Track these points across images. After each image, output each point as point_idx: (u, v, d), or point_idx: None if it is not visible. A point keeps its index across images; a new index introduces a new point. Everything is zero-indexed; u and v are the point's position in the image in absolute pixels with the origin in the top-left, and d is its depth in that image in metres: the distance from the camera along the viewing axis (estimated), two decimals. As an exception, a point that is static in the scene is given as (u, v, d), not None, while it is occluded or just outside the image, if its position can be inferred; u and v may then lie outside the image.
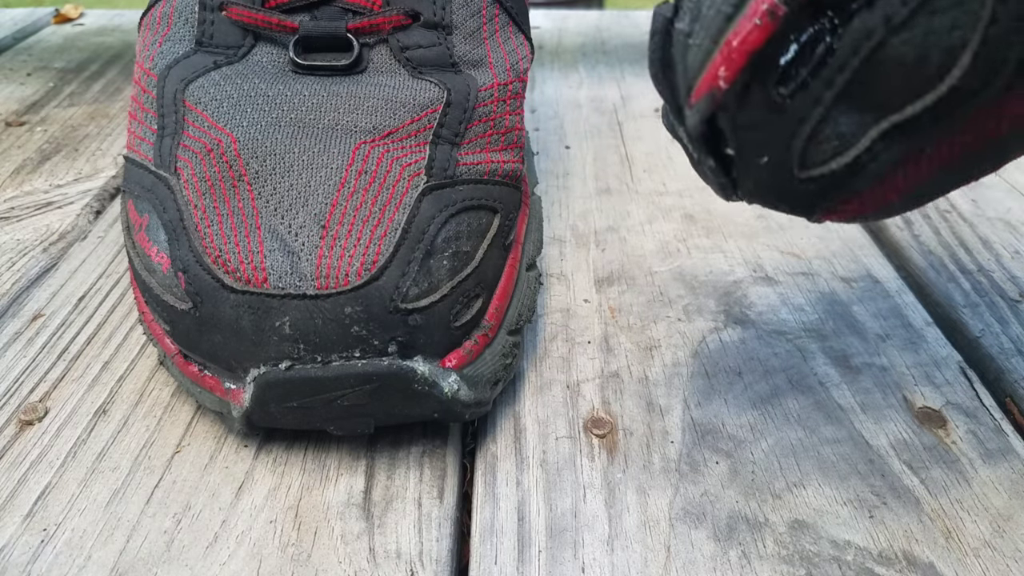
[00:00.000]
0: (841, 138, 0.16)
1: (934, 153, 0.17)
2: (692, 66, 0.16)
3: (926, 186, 0.18)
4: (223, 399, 0.24)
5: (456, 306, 0.24)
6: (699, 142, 0.17)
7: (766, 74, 0.16)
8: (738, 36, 0.15)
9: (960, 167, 0.18)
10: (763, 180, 0.17)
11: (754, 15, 0.15)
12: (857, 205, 0.18)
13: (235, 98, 0.26)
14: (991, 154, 0.18)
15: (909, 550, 0.22)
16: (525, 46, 0.31)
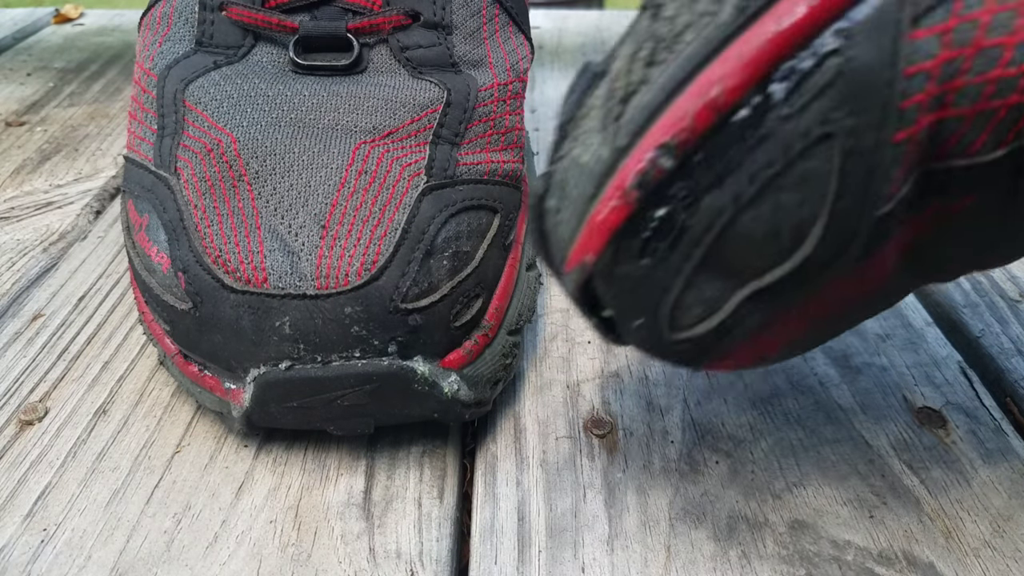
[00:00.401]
0: (705, 304, 0.17)
1: (803, 311, 0.18)
2: (563, 239, 0.17)
3: (799, 341, 0.19)
4: (223, 399, 0.24)
5: (456, 306, 0.24)
6: (580, 305, 0.18)
7: (629, 247, 0.16)
8: (599, 215, 0.16)
9: (832, 322, 0.19)
10: (641, 340, 0.18)
11: (611, 197, 0.16)
12: (733, 361, 0.19)
13: (235, 98, 0.26)
14: (863, 309, 0.19)
15: (909, 550, 0.22)
16: (525, 46, 0.31)
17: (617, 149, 0.16)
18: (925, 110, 0.16)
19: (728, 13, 0.15)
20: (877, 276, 0.18)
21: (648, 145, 0.15)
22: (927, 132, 0.16)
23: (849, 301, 0.18)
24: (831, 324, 0.19)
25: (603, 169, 0.16)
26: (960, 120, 0.16)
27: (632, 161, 0.16)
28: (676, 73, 0.15)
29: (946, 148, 0.16)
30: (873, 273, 0.18)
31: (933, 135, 0.16)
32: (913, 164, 0.16)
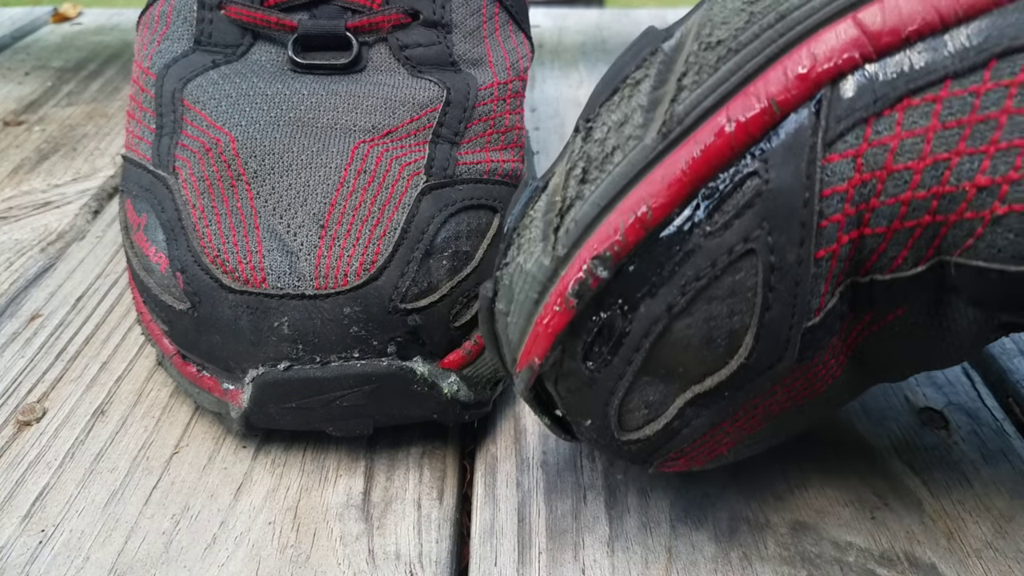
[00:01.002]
0: (650, 407, 0.18)
1: (751, 413, 0.18)
2: (512, 341, 0.18)
3: (755, 438, 0.20)
4: (221, 400, 0.24)
5: (456, 306, 0.23)
6: (532, 404, 0.19)
7: (573, 350, 0.18)
8: (544, 319, 0.17)
9: (788, 419, 0.20)
10: (593, 440, 0.19)
11: (554, 303, 0.17)
12: (687, 460, 0.19)
13: (234, 97, 0.26)
14: (818, 406, 0.20)
15: (911, 551, 0.21)
16: (525, 45, 0.31)
17: (557, 258, 0.17)
18: (843, 229, 0.17)
19: (652, 138, 0.17)
20: (823, 377, 0.19)
21: (585, 256, 0.17)
22: (848, 249, 0.17)
23: (798, 401, 0.19)
24: (787, 421, 0.20)
25: (545, 277, 0.17)
26: (879, 238, 0.17)
27: (571, 270, 0.17)
28: (607, 190, 0.17)
29: (869, 264, 0.17)
30: (818, 375, 0.18)
31: (855, 252, 0.17)
32: (839, 278, 0.17)
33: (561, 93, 0.52)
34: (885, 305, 0.18)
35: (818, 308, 0.17)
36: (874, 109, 0.16)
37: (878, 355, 0.19)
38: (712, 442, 0.19)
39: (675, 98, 0.17)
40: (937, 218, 0.16)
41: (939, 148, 0.16)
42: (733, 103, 0.16)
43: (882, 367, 0.20)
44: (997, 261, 0.16)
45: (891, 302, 0.18)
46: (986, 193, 0.16)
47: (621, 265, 0.17)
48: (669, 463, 0.19)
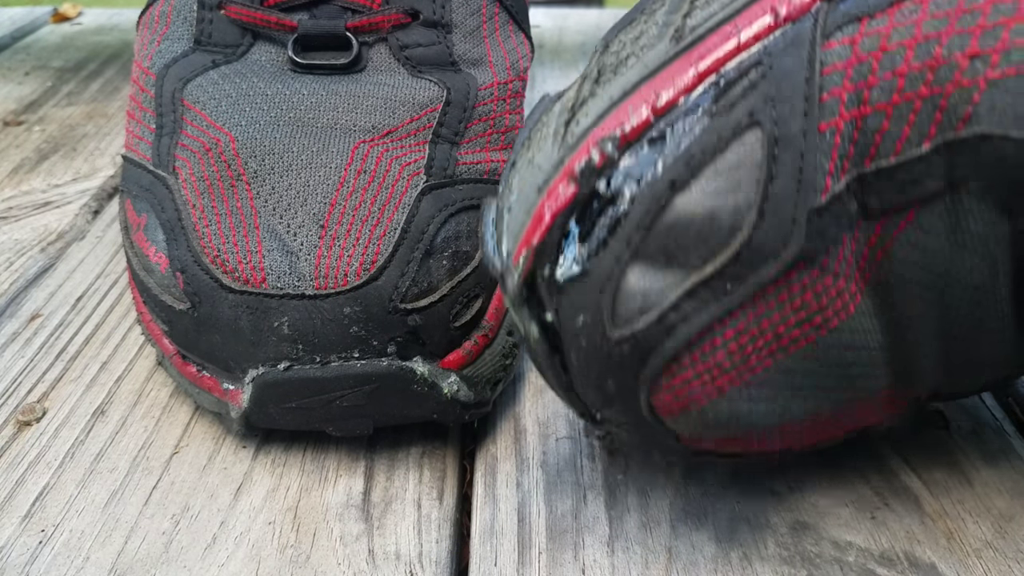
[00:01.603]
0: (646, 296, 0.17)
1: (758, 330, 0.18)
2: (512, 231, 0.18)
3: (761, 386, 0.19)
4: (221, 400, 0.24)
5: (456, 306, 0.23)
6: (520, 308, 0.19)
7: (573, 233, 0.18)
8: (545, 203, 0.18)
9: (799, 366, 0.19)
10: (583, 348, 0.18)
11: (558, 183, 0.18)
12: (682, 388, 0.18)
13: (233, 97, 0.26)
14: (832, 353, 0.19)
15: (911, 551, 0.21)
16: (525, 45, 0.31)
17: (567, 146, 0.18)
18: (844, 104, 0.17)
19: (665, 43, 0.18)
20: (836, 305, 0.18)
21: (594, 140, 0.17)
22: (851, 128, 0.17)
23: (809, 334, 0.18)
24: (799, 368, 0.19)
25: (551, 165, 0.18)
26: (880, 115, 0.17)
27: (579, 153, 0.17)
28: (619, 86, 0.18)
29: (874, 149, 0.17)
30: (830, 295, 0.18)
31: (858, 134, 0.17)
32: (844, 163, 0.17)
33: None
34: (895, 204, 0.18)
35: (824, 189, 0.17)
36: (868, 11, 0.18)
37: (895, 286, 0.18)
38: (712, 362, 0.18)
39: (688, 14, 0.18)
40: (934, 90, 0.17)
41: (928, 30, 0.17)
42: (741, 17, 0.18)
43: (901, 306, 0.19)
44: (999, 127, 0.17)
45: (901, 198, 0.18)
46: (978, 61, 0.17)
47: (628, 144, 0.17)
48: (663, 385, 0.18)
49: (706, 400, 0.19)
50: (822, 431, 0.21)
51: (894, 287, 0.19)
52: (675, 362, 0.18)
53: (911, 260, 0.18)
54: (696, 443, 0.20)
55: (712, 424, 0.19)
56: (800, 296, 0.18)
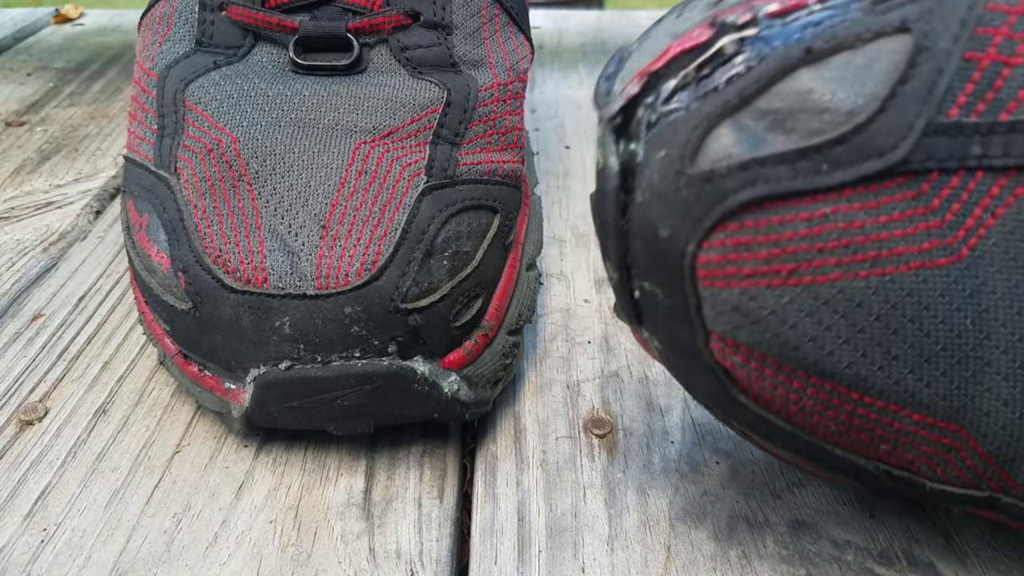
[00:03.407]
0: (737, 143, 0.17)
1: (836, 227, 0.17)
2: (631, 67, 0.18)
3: (819, 299, 0.17)
4: (223, 399, 0.24)
5: (456, 306, 0.24)
6: (608, 137, 0.18)
7: (691, 71, 0.17)
8: (675, 44, 0.17)
9: (861, 297, 0.17)
10: (654, 183, 0.18)
11: (695, 30, 0.17)
12: (737, 249, 0.17)
13: (235, 98, 0.26)
14: (904, 302, 0.17)
15: (909, 550, 0.22)
16: (525, 46, 0.31)
17: (719, 6, 0.18)
18: (996, 46, 0.17)
19: None
20: (923, 245, 0.17)
21: (747, 5, 0.17)
22: (995, 71, 0.17)
23: (887, 261, 0.17)
24: (860, 306, 0.17)
25: (698, 18, 0.18)
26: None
27: (729, 11, 0.17)
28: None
29: (1015, 103, 0.17)
30: (918, 229, 0.17)
31: (1001, 81, 0.17)
32: (977, 103, 0.17)
33: (561, 94, 0.52)
34: (1019, 163, 0.17)
35: (950, 112, 0.17)
36: None
37: (995, 265, 0.17)
38: (776, 236, 0.17)
39: None
40: None
41: None
42: None
43: (992, 294, 0.17)
44: None
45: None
46: None
47: (778, 16, 0.17)
48: (716, 242, 0.17)
49: (753, 282, 0.17)
50: (850, 431, 0.18)
51: (992, 266, 0.17)
52: (738, 217, 0.17)
53: (1017, 236, 0.17)
54: (728, 353, 0.18)
55: (751, 322, 0.17)
56: (889, 211, 0.17)
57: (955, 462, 0.18)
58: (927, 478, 0.19)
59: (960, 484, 0.19)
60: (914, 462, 0.18)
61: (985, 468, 0.18)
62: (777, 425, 0.19)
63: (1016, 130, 0.17)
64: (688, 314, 0.18)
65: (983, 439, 0.18)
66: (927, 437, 0.18)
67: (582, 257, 0.35)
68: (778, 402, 0.18)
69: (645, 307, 0.19)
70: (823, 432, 0.18)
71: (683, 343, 0.18)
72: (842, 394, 0.18)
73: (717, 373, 0.18)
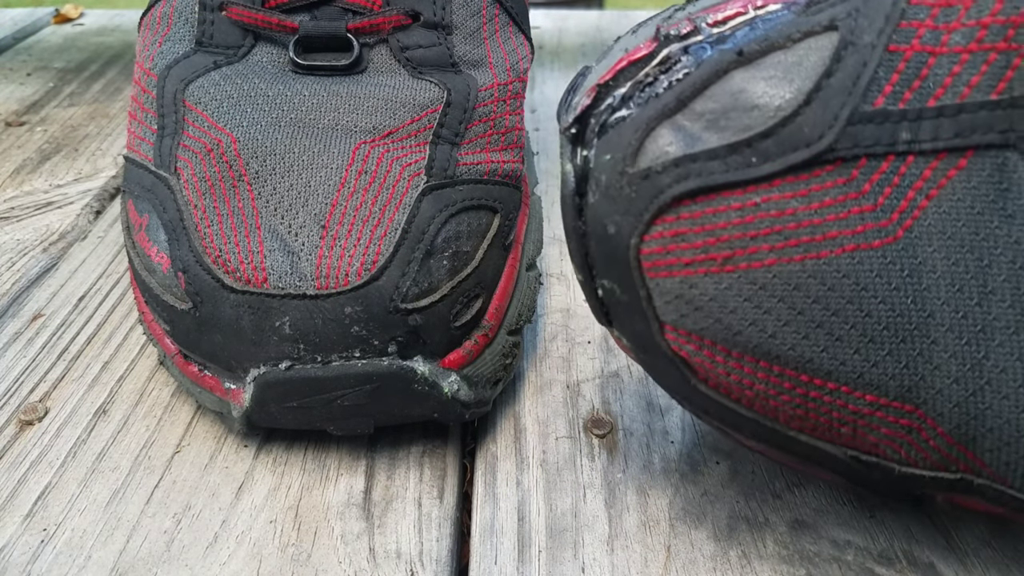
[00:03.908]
0: (673, 142, 0.18)
1: (767, 214, 0.18)
2: (587, 81, 0.19)
3: (755, 287, 0.18)
4: (223, 399, 0.24)
5: (456, 306, 0.24)
6: (565, 146, 0.19)
7: (637, 79, 0.18)
8: (625, 56, 0.19)
9: (797, 282, 0.18)
10: (601, 184, 0.19)
11: (643, 44, 0.19)
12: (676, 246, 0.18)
13: (235, 98, 0.26)
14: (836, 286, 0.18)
15: (909, 550, 0.22)
16: (525, 46, 0.31)
17: (665, 22, 0.19)
18: (920, 38, 0.17)
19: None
20: (857, 228, 0.17)
21: (690, 16, 0.19)
22: (919, 61, 0.17)
23: (820, 246, 0.18)
24: (797, 285, 0.18)
25: (648, 34, 0.19)
26: (954, 58, 0.17)
27: (673, 24, 0.19)
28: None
29: (942, 89, 0.17)
30: (851, 213, 0.17)
31: (927, 71, 0.17)
32: (903, 92, 0.17)
33: (561, 94, 0.52)
34: (949, 146, 0.17)
35: (876, 101, 0.17)
36: None
37: (932, 244, 0.18)
38: (711, 226, 0.18)
39: None
40: (1012, 46, 0.17)
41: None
42: None
43: (932, 273, 0.18)
44: None
45: (958, 141, 0.17)
46: None
47: (718, 24, 0.18)
48: (656, 234, 0.18)
49: (693, 270, 0.18)
50: (808, 415, 0.19)
51: (930, 246, 0.18)
52: (674, 209, 0.18)
53: (952, 216, 0.18)
54: (681, 343, 0.19)
55: (696, 307, 0.18)
56: (820, 197, 0.17)
57: (918, 443, 0.18)
58: (895, 461, 0.19)
59: (929, 467, 0.19)
60: (878, 445, 0.19)
61: (949, 448, 0.18)
62: (740, 413, 0.19)
63: (944, 114, 0.17)
64: (641, 307, 0.19)
65: (940, 418, 0.18)
66: (884, 418, 0.18)
67: (582, 257, 0.35)
68: (735, 388, 0.19)
69: (609, 305, 0.20)
70: (784, 418, 0.19)
71: (643, 337, 0.19)
72: (791, 376, 0.18)
73: (676, 363, 0.19)
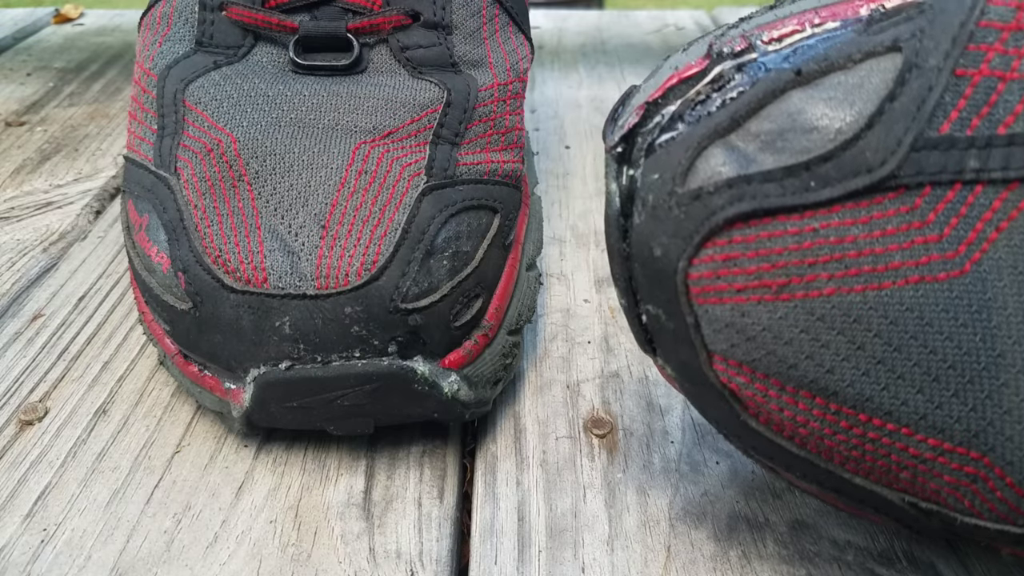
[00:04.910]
0: (725, 163, 0.17)
1: (827, 240, 0.17)
2: (635, 100, 0.19)
3: (816, 313, 0.17)
4: (223, 399, 0.24)
5: (456, 306, 0.24)
6: (610, 165, 0.19)
7: (688, 97, 0.18)
8: (676, 73, 0.18)
9: (858, 315, 0.17)
10: (648, 204, 0.18)
11: (696, 60, 0.18)
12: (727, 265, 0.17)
13: (235, 98, 0.26)
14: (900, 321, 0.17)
15: (910, 550, 0.22)
16: (525, 46, 0.31)
17: (719, 39, 0.18)
18: (989, 62, 0.17)
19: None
20: (922, 259, 0.17)
21: (744, 33, 0.18)
22: (989, 86, 0.16)
23: (883, 283, 0.17)
24: (858, 321, 0.17)
25: (699, 52, 0.18)
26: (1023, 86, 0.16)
27: (726, 41, 0.18)
28: (791, 8, 0.18)
29: (1012, 117, 0.16)
30: (914, 243, 0.17)
31: (997, 97, 0.17)
32: (971, 117, 0.17)
33: (561, 94, 0.52)
34: (1021, 175, 0.17)
35: (942, 127, 0.17)
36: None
37: (1003, 280, 0.17)
38: (765, 251, 0.17)
39: None
40: None
41: None
42: None
43: (1002, 311, 0.17)
44: None
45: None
46: None
47: (773, 42, 0.17)
48: (706, 258, 0.17)
49: (745, 298, 0.17)
50: (865, 457, 0.18)
51: (1000, 281, 0.17)
52: (726, 232, 0.17)
53: (1016, 251, 0.16)
54: (732, 375, 0.18)
55: (749, 337, 0.17)
56: (882, 226, 0.17)
57: (983, 493, 0.17)
58: (957, 511, 0.18)
59: (994, 519, 0.18)
60: (939, 492, 0.18)
61: (1018, 501, 0.17)
62: (792, 452, 0.18)
63: (1015, 143, 0.16)
64: (688, 335, 0.18)
65: (1010, 468, 0.17)
66: (947, 465, 0.17)
67: (582, 257, 0.35)
68: (787, 426, 0.18)
69: (653, 332, 0.19)
70: (839, 459, 0.18)
71: (690, 367, 0.18)
72: (849, 415, 0.17)
73: (725, 396, 0.18)
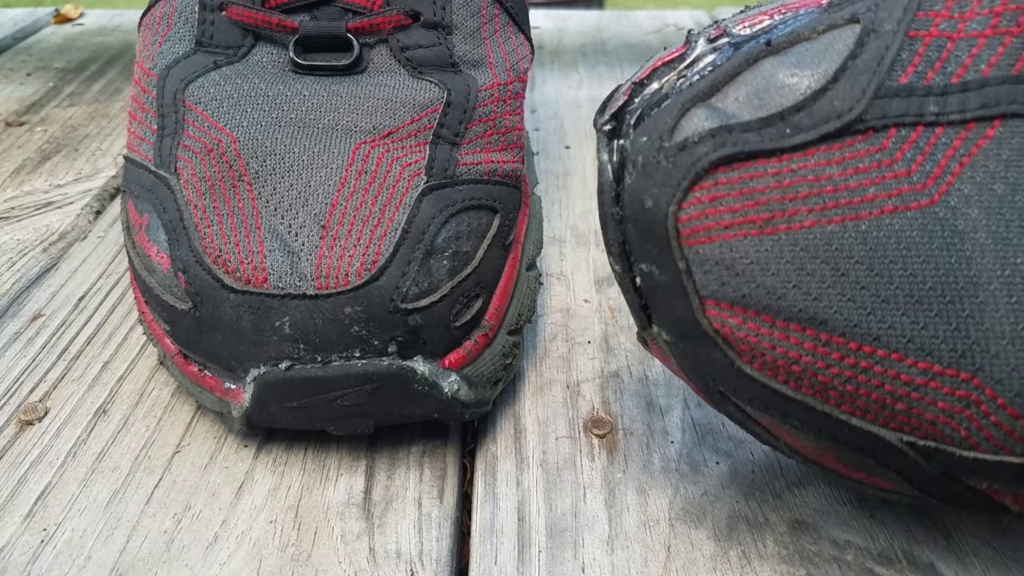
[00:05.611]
0: (708, 118, 0.19)
1: (803, 180, 0.18)
2: (624, 85, 0.20)
3: (795, 250, 0.18)
4: (223, 399, 0.24)
5: (456, 306, 0.24)
6: (602, 139, 0.20)
7: (673, 72, 0.20)
8: (661, 58, 0.20)
9: (833, 243, 0.18)
10: (638, 164, 0.19)
11: (676, 47, 0.20)
12: (713, 205, 0.18)
13: (235, 98, 0.26)
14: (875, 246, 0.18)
15: (909, 550, 0.22)
16: (525, 46, 0.31)
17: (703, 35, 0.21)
18: (937, 25, 0.18)
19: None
20: (894, 191, 0.18)
21: (722, 27, 0.20)
22: (939, 46, 0.18)
23: (859, 214, 0.18)
24: (839, 250, 0.18)
25: (680, 43, 0.21)
26: (972, 42, 0.18)
27: (704, 33, 0.20)
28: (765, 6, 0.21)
29: (963, 68, 0.18)
30: (885, 178, 0.18)
31: (948, 54, 0.18)
32: (928, 71, 0.18)
33: (561, 94, 0.52)
34: (978, 116, 0.18)
35: (900, 78, 0.18)
36: None
37: (971, 208, 0.18)
38: (751, 189, 0.18)
39: None
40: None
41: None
42: None
43: (972, 235, 0.18)
44: None
45: (985, 111, 0.18)
46: None
47: (746, 29, 0.20)
48: (694, 200, 0.18)
49: (732, 234, 0.18)
50: (859, 391, 0.18)
51: (969, 209, 0.18)
52: (712, 176, 0.18)
53: (989, 181, 0.18)
54: (724, 318, 0.18)
55: (737, 272, 0.18)
56: (855, 164, 0.18)
57: (977, 419, 0.18)
58: (955, 444, 0.18)
59: (992, 449, 0.18)
60: (935, 424, 0.18)
61: (1012, 424, 0.17)
62: (787, 396, 0.19)
63: (968, 88, 0.18)
64: (681, 283, 0.19)
65: (1000, 387, 0.17)
66: (939, 390, 0.18)
67: (582, 257, 0.35)
68: (781, 366, 0.18)
69: (648, 293, 0.20)
70: (833, 398, 0.18)
71: (684, 322, 0.19)
72: (839, 345, 0.18)
73: (719, 344, 0.19)
